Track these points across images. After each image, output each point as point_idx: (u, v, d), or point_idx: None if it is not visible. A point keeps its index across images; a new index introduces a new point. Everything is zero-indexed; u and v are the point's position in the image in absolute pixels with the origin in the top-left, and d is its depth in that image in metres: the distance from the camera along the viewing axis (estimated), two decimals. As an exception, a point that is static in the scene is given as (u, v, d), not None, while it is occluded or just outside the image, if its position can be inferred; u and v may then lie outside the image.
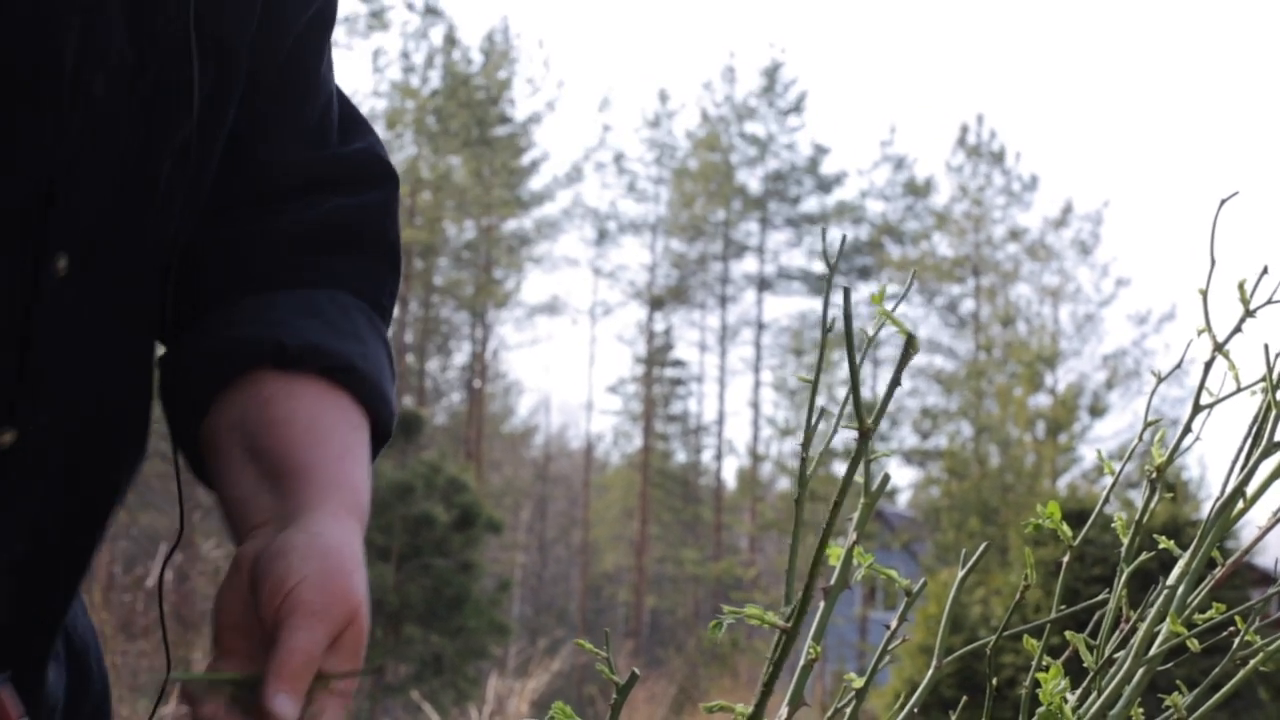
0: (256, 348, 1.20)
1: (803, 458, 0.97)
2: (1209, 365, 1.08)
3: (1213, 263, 1.10)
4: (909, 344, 0.93)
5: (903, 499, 35.07)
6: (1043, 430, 28.39)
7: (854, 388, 0.95)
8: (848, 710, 0.96)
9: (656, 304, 37.96)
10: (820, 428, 0.97)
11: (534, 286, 46.13)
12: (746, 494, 38.43)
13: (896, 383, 0.96)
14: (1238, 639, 1.06)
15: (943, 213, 35.79)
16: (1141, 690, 0.99)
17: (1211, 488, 28.87)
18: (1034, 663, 1.00)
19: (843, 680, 0.99)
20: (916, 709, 0.96)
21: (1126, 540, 1.06)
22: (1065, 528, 1.04)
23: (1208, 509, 1.05)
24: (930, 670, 0.96)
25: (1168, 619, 0.99)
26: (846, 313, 0.92)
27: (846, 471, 0.96)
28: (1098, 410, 30.78)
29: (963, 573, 1.01)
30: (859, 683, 0.96)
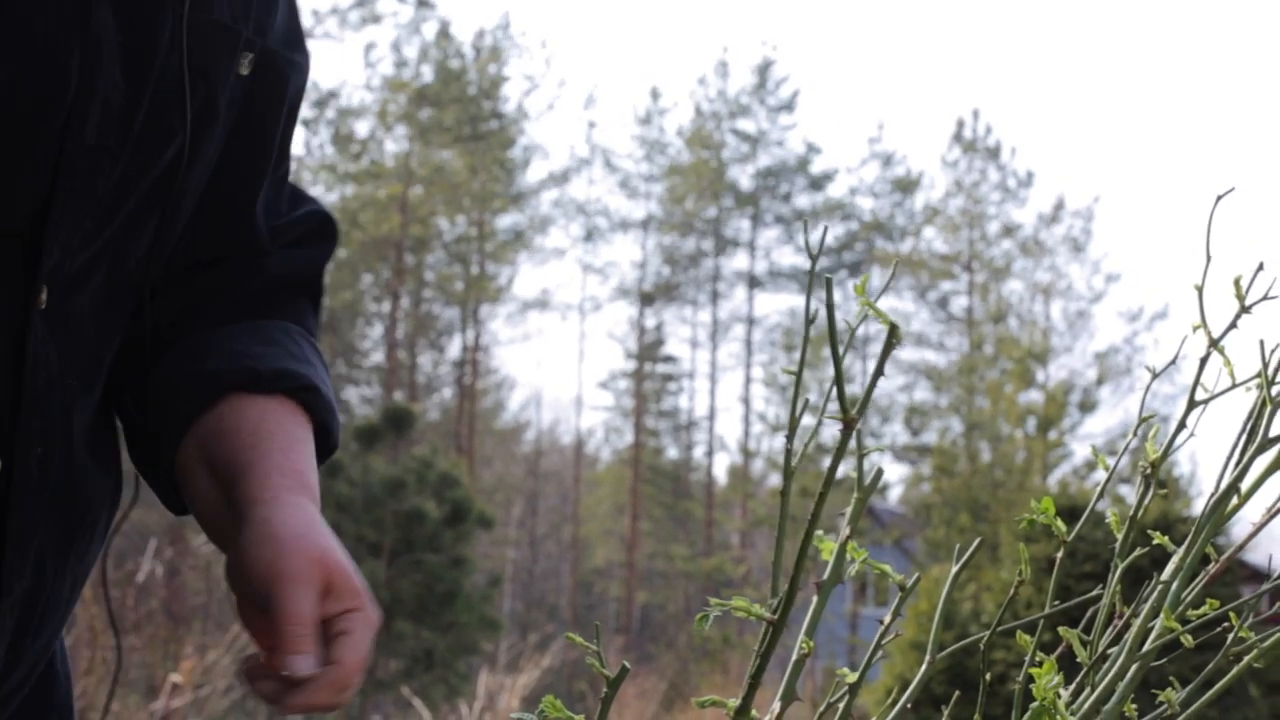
0: (232, 377, 1.26)
1: (788, 450, 0.96)
2: (1204, 361, 1.08)
3: (1208, 259, 1.10)
4: (892, 334, 0.93)
5: (894, 495, 35.12)
6: (1033, 426, 28.41)
7: (838, 379, 0.94)
8: (841, 705, 0.96)
9: (647, 300, 37.95)
10: (806, 421, 0.97)
11: (525, 282, 46.17)
12: (737, 490, 38.43)
13: (880, 373, 0.96)
14: (1231, 635, 1.06)
15: (936, 207, 35.78)
16: (1135, 686, 0.99)
17: (1203, 484, 28.94)
18: (1027, 658, 1.00)
19: (833, 676, 0.99)
20: (910, 704, 0.96)
21: (1121, 536, 1.06)
22: (1059, 523, 1.04)
23: (1199, 506, 1.05)
24: (924, 666, 0.96)
25: (1162, 614, 0.99)
26: (829, 303, 0.92)
27: (831, 463, 0.95)
28: (1088, 406, 30.80)
29: (956, 568, 1.01)
30: (852, 678, 0.96)
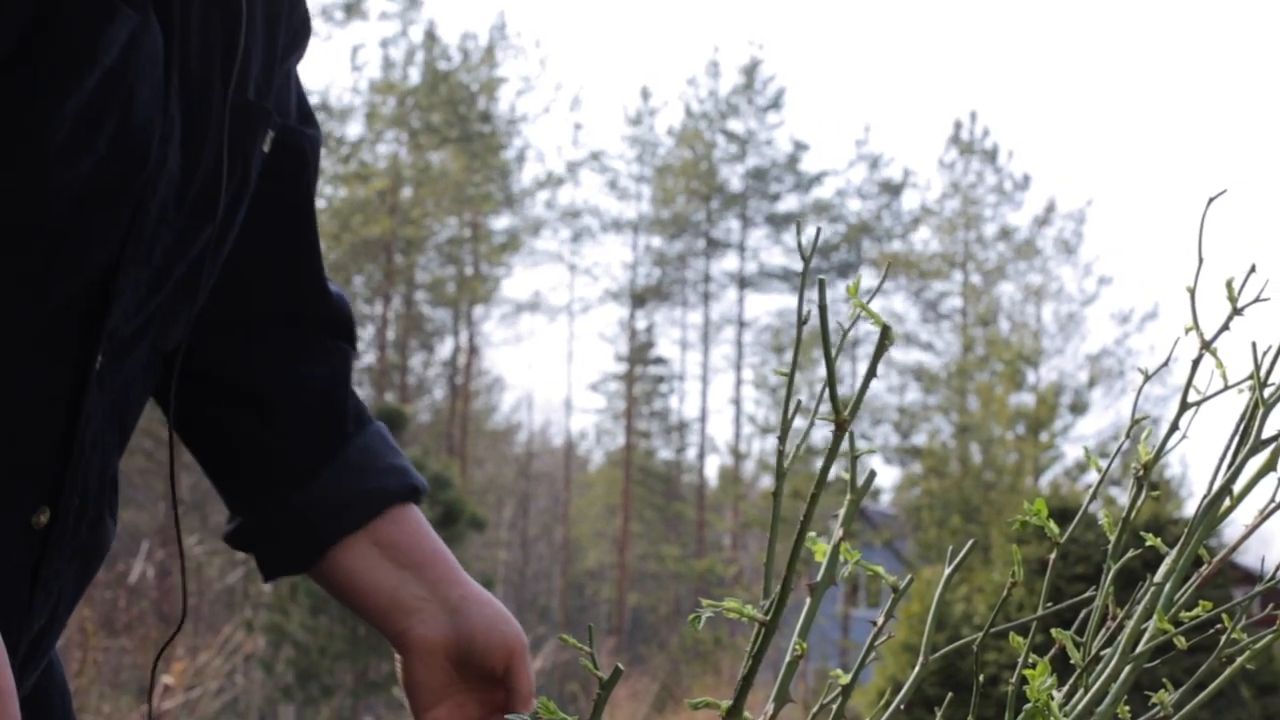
0: (400, 494, 1.50)
1: (780, 451, 0.96)
2: (1196, 363, 1.08)
3: (1200, 261, 1.10)
4: (884, 335, 0.93)
5: (885, 497, 35.11)
6: (1024, 428, 28.43)
7: (830, 379, 0.94)
8: (834, 707, 0.96)
9: (638, 301, 37.93)
10: (798, 423, 0.97)
11: (516, 283, 46.08)
12: (728, 492, 38.42)
13: (873, 374, 0.96)
14: (1224, 637, 1.06)
15: (931, 209, 35.78)
16: (1129, 687, 0.99)
17: (1194, 487, 28.97)
18: (1020, 660, 0.99)
19: (825, 679, 0.99)
20: (903, 705, 0.96)
21: (1114, 537, 1.06)
22: (1052, 524, 1.04)
23: (1191, 508, 1.05)
24: (917, 667, 0.96)
25: (1154, 616, 0.99)
26: (822, 304, 0.92)
27: (823, 464, 0.95)
28: (1079, 408, 30.82)
29: (949, 569, 1.01)
30: (845, 679, 0.96)
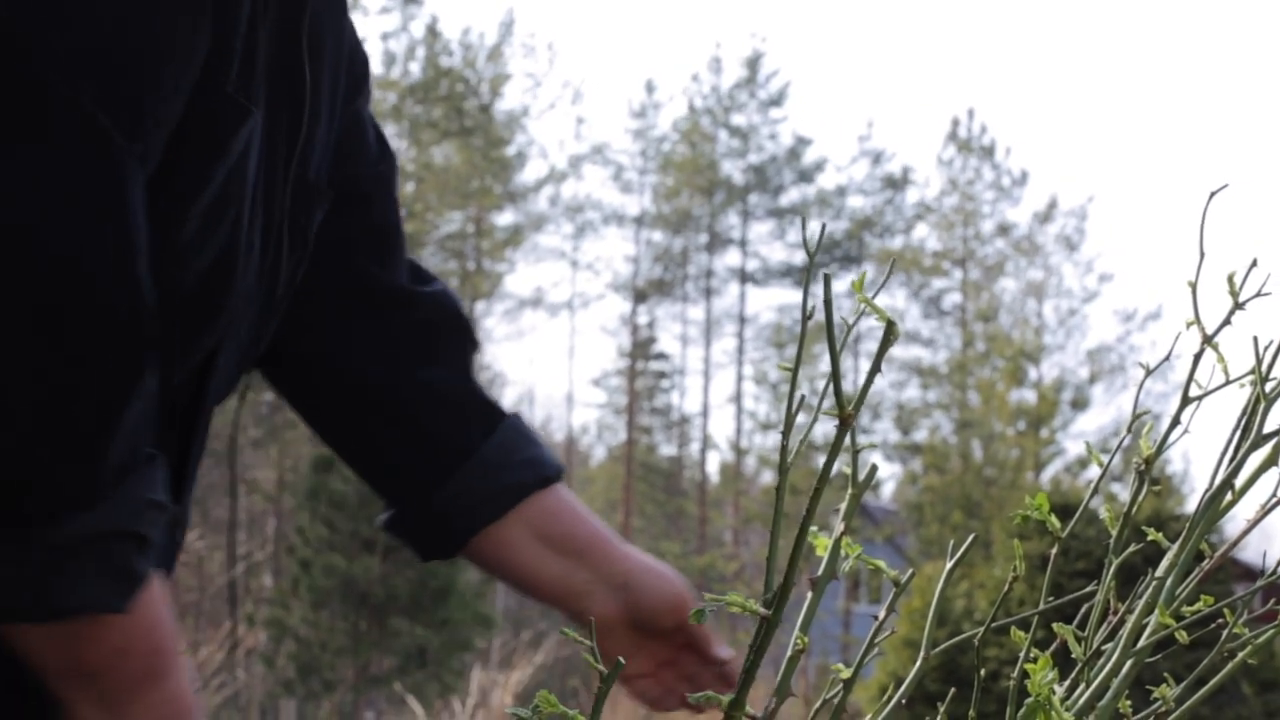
0: (534, 485, 1.64)
1: (783, 446, 0.96)
2: (1198, 357, 1.08)
3: (1202, 255, 1.09)
4: (889, 330, 0.93)
5: (886, 493, 35.11)
6: (1025, 424, 28.42)
7: (834, 374, 0.94)
8: (835, 701, 0.96)
9: (640, 296, 37.91)
10: (800, 418, 0.97)
11: (518, 279, 46.06)
12: (729, 487, 38.42)
13: (877, 369, 0.95)
14: (1225, 632, 1.06)
15: (929, 205, 35.76)
16: (1130, 682, 0.99)
17: (1195, 482, 28.96)
18: (1021, 654, 0.99)
19: (826, 674, 0.99)
20: (904, 700, 0.96)
21: (1115, 532, 1.06)
22: (1054, 519, 1.04)
23: (1192, 504, 1.05)
24: (918, 662, 0.96)
25: (1156, 610, 0.99)
26: (827, 299, 0.92)
27: (827, 458, 0.95)
28: (1080, 404, 30.81)
29: (950, 564, 1.01)
30: (846, 673, 0.95)
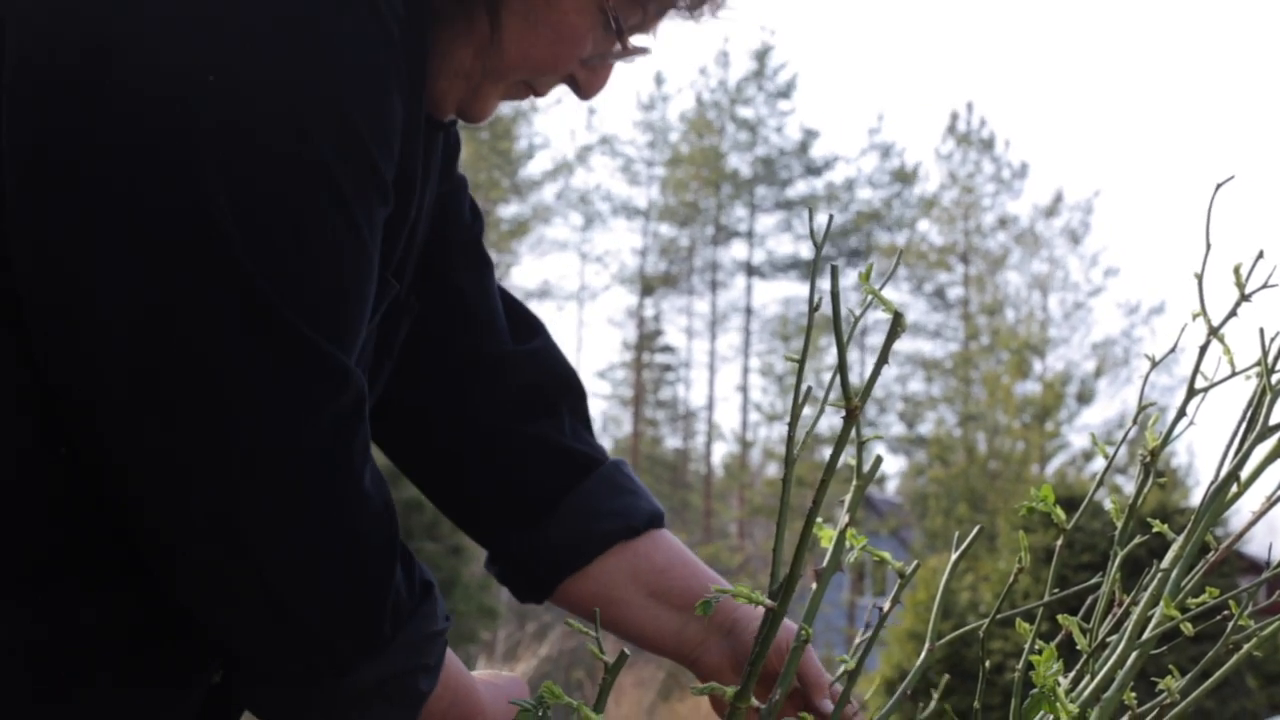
0: (618, 535, 1.61)
1: (790, 437, 0.96)
2: (1204, 349, 1.07)
3: (1208, 247, 1.09)
4: (896, 321, 0.93)
5: (891, 485, 35.08)
6: (1029, 417, 28.38)
7: (840, 365, 0.94)
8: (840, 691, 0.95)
9: (647, 289, 37.86)
10: (807, 411, 0.97)
11: (525, 271, 45.98)
12: (735, 480, 38.38)
13: (884, 360, 0.95)
14: (1230, 624, 1.06)
15: (931, 199, 35.71)
16: (1135, 674, 0.99)
17: (1200, 475, 28.90)
18: (1026, 646, 0.99)
19: (830, 666, 0.99)
20: (909, 691, 0.96)
21: (1120, 525, 1.05)
22: (1059, 511, 1.03)
23: (1197, 497, 1.05)
24: (923, 654, 0.95)
25: (1162, 602, 0.99)
26: (834, 291, 0.92)
27: (834, 449, 0.95)
28: (1085, 397, 30.77)
29: (955, 556, 1.01)
30: (851, 664, 0.95)
